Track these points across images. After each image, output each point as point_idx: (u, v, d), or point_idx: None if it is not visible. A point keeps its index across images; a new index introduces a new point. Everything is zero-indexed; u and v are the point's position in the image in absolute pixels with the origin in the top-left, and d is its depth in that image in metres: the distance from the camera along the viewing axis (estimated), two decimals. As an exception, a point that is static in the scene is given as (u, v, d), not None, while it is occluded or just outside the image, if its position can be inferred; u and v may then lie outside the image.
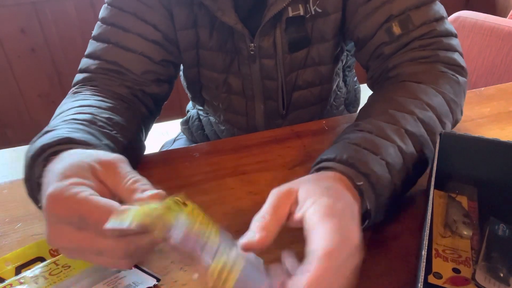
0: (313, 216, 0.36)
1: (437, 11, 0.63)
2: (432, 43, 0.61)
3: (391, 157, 0.47)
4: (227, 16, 0.66)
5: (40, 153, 0.43)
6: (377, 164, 0.45)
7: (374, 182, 0.44)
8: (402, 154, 0.48)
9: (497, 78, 1.25)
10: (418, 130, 0.51)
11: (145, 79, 0.68)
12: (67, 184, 0.36)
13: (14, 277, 0.43)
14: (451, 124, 0.58)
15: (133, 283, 0.42)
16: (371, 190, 0.44)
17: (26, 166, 0.44)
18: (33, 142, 0.45)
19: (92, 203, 0.35)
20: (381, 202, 0.45)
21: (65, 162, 0.39)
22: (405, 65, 0.61)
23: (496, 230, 0.45)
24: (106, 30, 0.67)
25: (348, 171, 0.44)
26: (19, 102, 2.03)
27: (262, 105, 0.77)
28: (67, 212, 0.35)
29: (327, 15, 0.68)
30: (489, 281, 0.40)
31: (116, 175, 0.39)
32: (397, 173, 0.46)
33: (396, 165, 0.47)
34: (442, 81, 0.58)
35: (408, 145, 0.49)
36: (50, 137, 0.44)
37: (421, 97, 0.54)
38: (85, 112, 0.54)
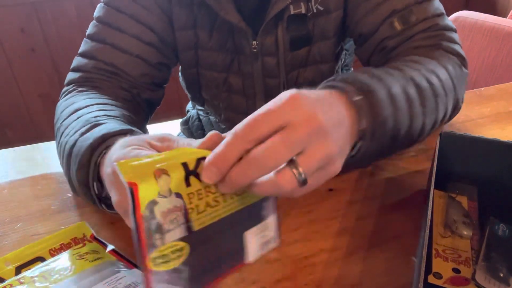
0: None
1: (438, 7, 0.64)
2: (435, 35, 0.62)
3: (394, 89, 0.47)
4: (230, 15, 0.66)
5: (101, 141, 0.45)
6: (380, 87, 0.45)
7: (373, 102, 0.43)
8: (405, 94, 0.48)
9: (497, 78, 1.25)
10: (423, 84, 0.51)
11: (141, 82, 0.69)
12: (129, 149, 0.38)
13: (14, 277, 0.43)
14: (452, 106, 0.58)
15: (133, 283, 0.42)
16: (369, 108, 0.43)
17: (83, 153, 0.45)
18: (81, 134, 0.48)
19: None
20: (377, 126, 0.44)
21: (124, 142, 0.41)
22: (409, 51, 0.62)
23: (496, 230, 0.45)
24: (101, 29, 0.67)
25: (348, 87, 0.43)
26: (19, 102, 2.03)
27: (263, 104, 0.77)
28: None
29: (329, 13, 0.68)
30: (489, 281, 0.40)
31: (173, 142, 0.40)
32: (396, 106, 0.46)
33: (397, 98, 0.46)
34: (446, 61, 0.59)
35: (411, 89, 0.49)
36: (109, 128, 0.46)
37: (425, 64, 0.55)
38: (111, 109, 0.56)
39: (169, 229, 0.33)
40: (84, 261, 0.45)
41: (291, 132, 0.34)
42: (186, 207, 0.34)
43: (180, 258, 0.35)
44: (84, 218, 0.53)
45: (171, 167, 0.33)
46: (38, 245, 0.48)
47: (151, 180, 0.32)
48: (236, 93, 0.77)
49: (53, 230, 0.51)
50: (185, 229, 0.34)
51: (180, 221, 0.34)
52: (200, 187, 0.36)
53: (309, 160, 0.35)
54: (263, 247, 0.42)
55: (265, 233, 0.42)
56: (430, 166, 0.50)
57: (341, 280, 0.43)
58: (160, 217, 0.32)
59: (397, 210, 0.52)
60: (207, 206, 0.36)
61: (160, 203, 0.32)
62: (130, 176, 0.31)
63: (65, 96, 0.64)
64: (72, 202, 0.56)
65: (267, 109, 0.35)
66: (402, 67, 0.53)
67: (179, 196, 0.34)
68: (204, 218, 0.36)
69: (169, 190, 0.33)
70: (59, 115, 0.59)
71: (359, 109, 0.43)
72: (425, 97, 0.51)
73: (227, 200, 0.38)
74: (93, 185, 0.45)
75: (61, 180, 0.60)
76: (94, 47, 0.67)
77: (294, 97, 0.35)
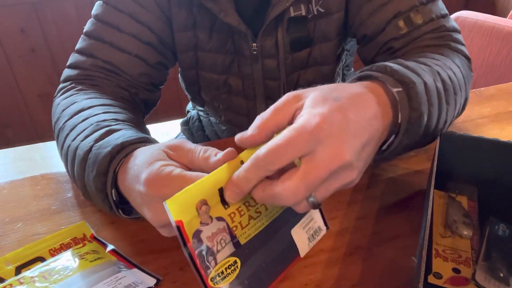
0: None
1: (442, 8, 0.64)
2: (442, 36, 0.62)
3: (429, 82, 0.46)
4: (229, 17, 0.66)
5: (120, 149, 0.45)
6: (417, 80, 0.44)
7: (412, 95, 0.43)
8: (436, 89, 0.48)
9: (497, 78, 1.25)
10: (447, 79, 0.51)
11: (140, 82, 0.68)
12: (158, 166, 0.39)
13: (14, 277, 0.43)
14: (461, 104, 0.58)
15: (133, 283, 0.42)
16: (408, 101, 0.42)
17: (101, 161, 0.45)
18: (95, 140, 0.48)
19: (187, 177, 0.37)
20: (413, 121, 0.43)
21: (143, 154, 0.42)
22: (417, 49, 0.62)
23: (496, 230, 0.45)
24: (100, 27, 0.67)
25: (386, 77, 0.43)
26: (19, 102, 2.03)
27: (263, 105, 0.77)
28: (168, 189, 0.37)
29: (330, 14, 0.68)
30: (489, 281, 0.40)
31: (187, 152, 0.41)
32: (431, 101, 0.46)
33: (432, 93, 0.46)
34: (457, 59, 0.59)
35: (439, 83, 0.49)
36: (127, 136, 0.47)
37: (442, 60, 0.55)
38: (116, 111, 0.56)
39: (218, 249, 0.36)
40: (84, 261, 0.45)
41: (314, 172, 0.34)
42: (230, 226, 0.38)
43: (236, 272, 0.38)
44: (84, 218, 0.53)
45: (209, 197, 0.36)
46: (38, 245, 0.48)
47: (194, 213, 0.35)
48: (236, 94, 0.77)
49: (53, 230, 0.51)
50: (233, 246, 0.38)
51: (227, 240, 0.37)
52: (239, 204, 0.38)
53: (325, 192, 0.36)
54: (311, 238, 0.44)
55: (311, 225, 0.44)
56: (430, 166, 0.50)
57: (341, 280, 0.43)
58: (208, 242, 0.36)
59: (397, 210, 0.52)
60: (250, 219, 0.39)
61: (204, 230, 0.36)
62: (176, 215, 0.34)
63: (64, 94, 0.64)
64: (72, 202, 0.56)
65: (290, 138, 0.34)
66: (426, 61, 0.52)
67: (221, 219, 0.37)
68: (249, 231, 0.39)
69: (210, 217, 0.36)
70: (60, 114, 0.59)
71: (397, 102, 0.42)
72: (448, 92, 0.51)
73: (268, 208, 0.41)
74: (111, 192, 0.45)
75: (61, 180, 0.60)
76: (92, 45, 0.66)
77: (319, 126, 0.34)
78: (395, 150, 0.46)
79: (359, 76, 0.47)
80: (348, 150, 0.35)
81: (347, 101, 0.37)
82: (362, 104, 0.39)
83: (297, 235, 0.43)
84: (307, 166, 0.34)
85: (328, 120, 0.35)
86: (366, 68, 0.47)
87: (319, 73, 0.75)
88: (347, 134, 0.35)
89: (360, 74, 0.47)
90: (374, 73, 0.45)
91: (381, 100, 0.41)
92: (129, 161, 0.43)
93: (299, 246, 0.43)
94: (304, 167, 0.34)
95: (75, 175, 0.50)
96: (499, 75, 1.25)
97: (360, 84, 0.43)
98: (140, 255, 0.47)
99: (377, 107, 0.40)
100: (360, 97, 0.39)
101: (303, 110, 0.36)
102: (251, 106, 0.78)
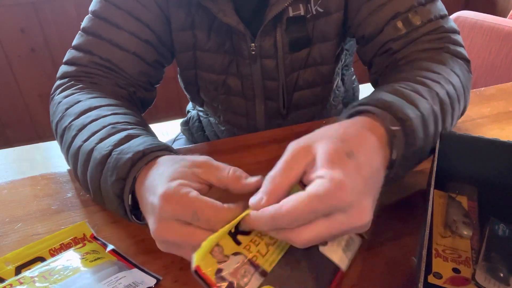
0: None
1: (441, 9, 0.64)
2: (441, 37, 0.62)
3: (426, 112, 0.46)
4: (228, 17, 0.65)
5: (142, 156, 0.45)
6: (413, 113, 0.45)
7: (408, 131, 0.43)
8: (433, 114, 0.48)
9: (497, 78, 1.25)
10: (445, 98, 0.51)
11: (138, 80, 0.68)
12: (177, 185, 0.39)
13: (14, 277, 0.43)
14: (460, 112, 0.58)
15: (133, 283, 0.42)
16: (404, 137, 0.43)
17: (122, 166, 0.45)
18: (115, 145, 0.48)
19: (203, 201, 0.38)
20: (408, 155, 0.44)
21: (168, 166, 0.42)
22: (416, 54, 0.61)
23: (496, 230, 0.45)
24: (98, 24, 0.66)
25: (384, 114, 0.43)
26: (19, 102, 2.03)
27: (262, 106, 0.77)
28: (182, 209, 0.38)
29: (329, 14, 0.68)
30: (489, 281, 0.40)
31: (216, 171, 0.41)
32: (427, 131, 0.46)
33: (429, 122, 0.46)
34: (457, 66, 0.59)
35: (437, 107, 0.49)
36: (148, 143, 0.47)
37: (441, 73, 0.55)
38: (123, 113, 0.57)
39: (246, 282, 0.36)
40: (84, 261, 0.45)
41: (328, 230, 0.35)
42: (249, 258, 0.37)
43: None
44: (84, 218, 0.53)
45: (220, 239, 0.36)
46: (38, 245, 0.48)
47: (207, 256, 0.36)
48: (235, 95, 0.77)
49: (53, 230, 0.51)
50: (259, 275, 0.37)
51: (251, 271, 0.37)
52: (252, 236, 0.39)
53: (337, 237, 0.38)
54: (346, 250, 0.42)
55: (341, 238, 0.42)
56: (430, 166, 0.50)
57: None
58: (231, 278, 0.36)
59: (397, 210, 0.52)
60: (268, 246, 0.39)
61: (224, 268, 0.36)
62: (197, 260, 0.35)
63: (63, 92, 0.63)
64: (72, 202, 0.56)
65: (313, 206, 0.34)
66: (425, 81, 0.52)
67: (238, 254, 0.37)
68: (272, 257, 0.39)
69: (225, 256, 0.36)
70: (63, 112, 0.58)
71: (394, 139, 0.43)
72: (446, 112, 0.50)
73: None
74: (128, 198, 0.45)
75: (61, 180, 0.60)
76: (90, 41, 0.66)
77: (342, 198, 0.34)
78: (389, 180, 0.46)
79: (358, 110, 0.46)
80: (367, 213, 0.36)
81: (360, 156, 0.37)
82: (373, 156, 0.39)
83: (328, 250, 0.41)
84: (324, 224, 0.35)
85: (349, 188, 0.35)
86: (364, 102, 0.46)
87: (318, 73, 0.74)
88: (365, 197, 0.36)
89: (358, 108, 0.46)
90: (372, 109, 0.44)
91: (383, 142, 0.42)
92: (151, 168, 0.44)
93: (335, 260, 0.41)
94: (321, 225, 0.35)
95: (87, 176, 0.50)
96: (499, 75, 1.25)
97: (362, 125, 0.43)
98: (140, 255, 0.47)
99: (382, 153, 0.41)
100: (368, 145, 0.40)
101: (319, 170, 0.36)
102: (250, 106, 0.78)
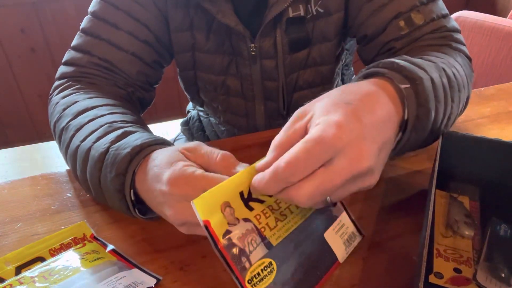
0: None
1: (443, 8, 0.64)
2: (443, 36, 0.62)
3: (435, 77, 0.46)
4: (227, 17, 0.65)
5: (139, 150, 0.46)
6: (423, 74, 0.45)
7: (420, 91, 0.43)
8: (442, 85, 0.48)
9: (497, 78, 1.25)
10: (452, 76, 0.51)
11: (136, 81, 0.68)
12: (181, 166, 0.40)
13: (14, 277, 0.43)
14: (464, 102, 0.58)
15: (133, 283, 0.42)
16: (415, 97, 0.43)
17: (120, 162, 0.46)
18: (112, 142, 0.48)
19: (209, 177, 0.38)
20: (421, 117, 0.43)
21: (162, 155, 0.43)
22: (419, 49, 0.61)
23: (498, 230, 0.45)
24: (97, 24, 0.66)
25: (393, 74, 0.43)
26: (19, 102, 2.03)
27: (262, 106, 0.77)
28: (191, 189, 0.38)
29: (330, 15, 0.68)
30: (490, 281, 0.40)
31: (204, 155, 0.42)
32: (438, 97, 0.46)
33: (439, 89, 0.46)
34: (459, 57, 0.59)
35: (445, 80, 0.49)
36: (145, 137, 0.47)
37: (444, 58, 0.55)
38: (122, 112, 0.57)
39: (251, 250, 0.37)
40: (84, 261, 0.45)
41: (331, 179, 0.34)
42: (258, 227, 0.38)
43: (272, 273, 0.38)
44: (84, 218, 0.53)
45: (231, 199, 0.37)
46: (38, 245, 0.47)
47: (219, 214, 0.36)
48: (234, 95, 0.77)
49: (53, 230, 0.51)
50: (265, 246, 0.38)
51: (257, 240, 0.38)
52: (264, 207, 0.39)
53: (341, 195, 0.36)
54: (347, 244, 0.44)
55: (344, 230, 0.45)
56: (432, 166, 0.50)
57: (341, 280, 0.43)
58: (238, 242, 0.36)
59: (398, 210, 0.52)
60: (277, 221, 0.40)
61: (233, 231, 0.36)
62: (204, 214, 0.35)
63: (61, 92, 0.63)
64: (72, 202, 0.56)
65: (309, 150, 0.34)
66: (431, 58, 0.52)
67: (248, 220, 0.38)
68: (279, 232, 0.40)
69: (236, 219, 0.37)
70: (61, 113, 0.58)
71: (405, 98, 0.42)
72: (453, 89, 0.50)
73: (294, 211, 0.42)
74: (130, 192, 0.46)
75: (61, 180, 0.60)
76: (89, 42, 0.66)
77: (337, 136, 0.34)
78: (404, 148, 0.46)
79: (366, 74, 0.47)
80: (367, 157, 0.35)
81: (360, 104, 0.37)
82: (375, 106, 0.38)
83: (331, 239, 0.43)
84: (324, 174, 0.34)
85: (345, 128, 0.34)
86: (373, 65, 0.47)
87: (318, 73, 0.74)
88: (365, 140, 0.35)
89: (366, 71, 0.47)
90: (381, 70, 0.45)
91: (392, 98, 0.41)
92: (148, 163, 0.44)
93: (335, 250, 0.43)
94: (321, 175, 0.34)
95: (87, 175, 0.50)
96: (499, 75, 1.25)
97: (368, 82, 0.43)
98: (140, 255, 0.47)
99: (390, 106, 0.40)
100: (372, 97, 0.39)
101: (316, 119, 0.36)
102: (250, 107, 0.78)
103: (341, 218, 0.45)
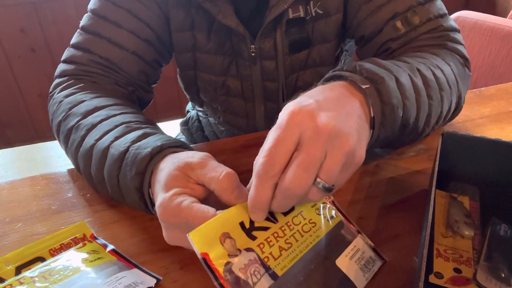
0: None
1: (441, 8, 0.64)
2: (440, 36, 0.62)
3: (402, 78, 0.48)
4: (228, 18, 0.65)
5: (159, 150, 0.47)
6: (387, 76, 0.46)
7: (382, 90, 0.45)
8: (413, 84, 0.49)
9: (497, 78, 1.25)
10: (430, 76, 0.52)
11: (137, 80, 0.68)
12: (171, 195, 0.40)
13: (14, 277, 0.43)
14: (455, 102, 0.58)
15: (133, 283, 0.42)
16: (378, 95, 0.44)
17: (141, 160, 0.46)
18: (133, 142, 0.49)
19: (194, 210, 0.38)
20: (387, 114, 0.45)
21: (164, 172, 0.43)
22: (413, 50, 0.62)
23: (498, 230, 0.45)
24: (97, 22, 0.66)
25: (354, 76, 0.45)
26: (19, 102, 2.03)
27: (262, 107, 0.77)
28: (176, 219, 0.39)
29: (329, 16, 0.68)
30: (490, 281, 0.40)
31: (207, 174, 0.41)
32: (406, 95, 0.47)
33: (406, 87, 0.48)
34: (450, 58, 0.60)
35: (418, 79, 0.50)
36: (166, 139, 0.48)
37: (430, 59, 0.56)
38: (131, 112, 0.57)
39: (254, 281, 0.35)
40: (84, 261, 0.45)
41: (305, 152, 0.35)
42: (261, 257, 0.37)
43: None
44: (84, 218, 0.53)
45: (231, 230, 0.36)
46: (38, 245, 0.47)
47: (219, 246, 0.35)
48: (234, 96, 0.77)
49: (53, 230, 0.51)
50: (270, 277, 0.36)
51: (261, 271, 0.36)
52: (268, 234, 0.38)
53: (329, 170, 0.36)
54: (365, 269, 0.42)
55: (360, 255, 0.42)
56: (432, 166, 0.50)
57: (342, 280, 0.43)
58: (240, 274, 0.35)
59: (398, 210, 0.52)
60: (281, 250, 0.38)
61: (234, 262, 0.35)
62: (201, 247, 0.34)
63: (64, 90, 0.63)
64: (72, 202, 0.56)
65: (275, 140, 0.36)
66: (407, 60, 0.54)
67: (250, 250, 0.36)
68: (284, 262, 0.38)
69: (238, 250, 0.36)
70: (67, 112, 0.58)
71: (368, 97, 0.44)
72: (431, 88, 0.52)
73: (299, 239, 0.40)
74: (148, 191, 0.46)
75: (61, 180, 0.60)
76: (89, 40, 0.66)
77: (293, 113, 0.36)
78: (378, 143, 0.48)
79: (330, 76, 0.48)
80: (327, 120, 0.36)
81: (313, 92, 0.41)
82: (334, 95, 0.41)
83: (345, 266, 0.41)
84: (298, 152, 0.35)
85: (299, 105, 0.37)
86: (337, 69, 0.49)
87: (318, 74, 0.74)
88: (321, 109, 0.37)
89: (330, 74, 0.48)
90: (344, 73, 0.47)
91: (358, 98, 0.43)
92: (157, 171, 0.45)
93: (352, 278, 0.40)
94: (297, 154, 0.35)
95: (104, 173, 0.50)
96: (499, 75, 1.25)
97: (331, 84, 0.45)
98: (140, 255, 0.47)
99: (345, 91, 0.42)
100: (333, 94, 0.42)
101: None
102: (250, 107, 0.78)
103: (355, 244, 0.43)
